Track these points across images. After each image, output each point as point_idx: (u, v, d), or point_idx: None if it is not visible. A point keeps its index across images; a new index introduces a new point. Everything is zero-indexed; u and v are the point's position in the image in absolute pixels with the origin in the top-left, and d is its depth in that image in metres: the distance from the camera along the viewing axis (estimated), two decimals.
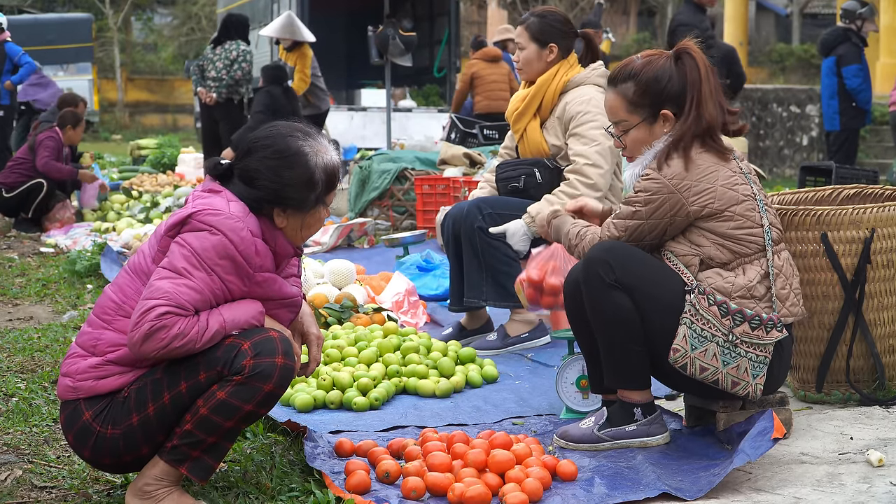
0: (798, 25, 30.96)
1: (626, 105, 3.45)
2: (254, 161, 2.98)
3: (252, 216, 2.94)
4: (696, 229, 3.34)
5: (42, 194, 9.70)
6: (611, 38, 15.05)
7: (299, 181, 2.96)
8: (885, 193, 4.08)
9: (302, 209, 2.99)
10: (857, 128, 11.12)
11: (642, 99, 3.43)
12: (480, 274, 4.80)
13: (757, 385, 3.30)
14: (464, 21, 26.89)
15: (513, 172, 4.92)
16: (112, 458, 2.91)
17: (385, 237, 7.73)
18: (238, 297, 2.92)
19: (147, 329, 2.75)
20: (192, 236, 2.86)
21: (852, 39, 10.82)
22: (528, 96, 4.92)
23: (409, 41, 12.22)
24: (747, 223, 3.34)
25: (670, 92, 3.41)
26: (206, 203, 2.91)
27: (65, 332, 5.31)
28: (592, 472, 3.21)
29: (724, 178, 3.34)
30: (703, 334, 3.26)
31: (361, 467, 3.10)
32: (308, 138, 3.02)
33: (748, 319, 3.25)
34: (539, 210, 4.68)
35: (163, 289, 2.79)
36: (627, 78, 3.45)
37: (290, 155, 2.97)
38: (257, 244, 2.92)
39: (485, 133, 10.54)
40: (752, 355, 3.27)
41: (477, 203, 4.88)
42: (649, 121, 3.44)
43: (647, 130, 3.44)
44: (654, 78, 3.42)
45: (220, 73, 10.99)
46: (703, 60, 3.43)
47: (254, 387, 2.81)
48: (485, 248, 4.78)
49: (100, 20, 32.07)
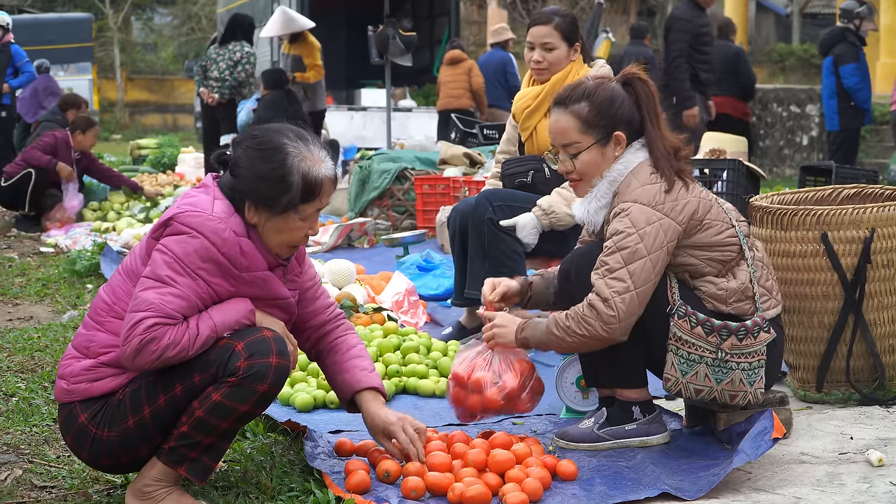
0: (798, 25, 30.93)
1: (579, 126, 3.36)
2: (239, 150, 2.95)
3: (236, 216, 2.90)
4: (682, 249, 3.30)
5: (31, 184, 9.68)
6: (611, 38, 15.04)
7: (271, 176, 2.88)
8: (885, 193, 4.08)
9: (271, 208, 2.90)
10: (857, 127, 11.11)
11: (597, 119, 3.35)
12: (483, 267, 4.79)
13: (756, 391, 3.29)
14: (464, 21, 26.88)
15: (520, 168, 4.91)
16: (110, 459, 2.91)
17: (385, 237, 7.73)
18: (226, 298, 2.90)
19: (137, 343, 2.74)
20: (173, 241, 2.83)
21: (849, 39, 10.84)
22: (541, 95, 4.88)
23: (409, 41, 12.21)
24: (723, 226, 3.33)
25: (623, 114, 3.36)
26: (189, 203, 2.89)
27: (65, 332, 5.31)
28: (592, 471, 3.21)
29: (693, 191, 3.33)
30: (691, 358, 3.24)
31: (361, 467, 3.10)
32: (299, 141, 2.94)
33: (734, 332, 3.23)
34: (550, 203, 4.67)
35: (148, 300, 2.77)
36: (581, 98, 3.37)
37: (270, 149, 2.91)
38: (242, 244, 2.88)
39: (485, 133, 10.54)
40: (744, 365, 3.25)
41: (487, 195, 4.87)
42: (602, 142, 3.36)
43: (600, 153, 3.36)
44: (609, 98, 3.36)
45: (223, 73, 10.99)
46: (653, 86, 3.40)
47: (249, 388, 2.81)
48: (492, 239, 4.76)
49: (100, 20, 32.07)
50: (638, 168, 3.33)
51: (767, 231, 3.96)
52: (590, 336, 3.22)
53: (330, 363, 3.27)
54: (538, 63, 4.89)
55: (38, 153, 9.74)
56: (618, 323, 3.19)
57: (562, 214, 4.68)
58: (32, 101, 12.97)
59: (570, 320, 3.25)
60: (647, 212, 3.24)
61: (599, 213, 3.38)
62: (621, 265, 3.20)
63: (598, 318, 3.20)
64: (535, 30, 4.91)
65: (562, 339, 3.27)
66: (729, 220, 3.36)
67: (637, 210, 3.24)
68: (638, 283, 3.20)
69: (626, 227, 3.23)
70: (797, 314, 3.93)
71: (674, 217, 3.25)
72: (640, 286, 3.20)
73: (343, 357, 3.25)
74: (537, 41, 4.89)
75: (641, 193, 3.26)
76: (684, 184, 3.31)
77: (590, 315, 3.21)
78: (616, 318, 3.19)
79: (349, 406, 3.27)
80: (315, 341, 3.28)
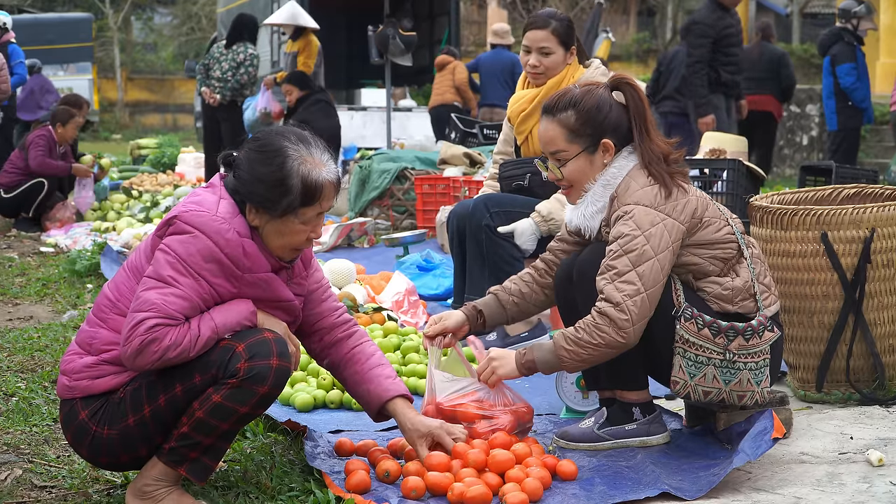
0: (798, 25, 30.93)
1: (566, 134, 3.35)
2: (243, 151, 2.95)
3: (240, 217, 2.89)
4: (685, 249, 3.30)
5: (43, 194, 9.70)
6: (611, 38, 15.05)
7: (270, 179, 2.87)
8: (885, 193, 4.08)
9: (270, 211, 2.89)
10: (856, 127, 11.12)
11: (584, 128, 3.34)
12: (483, 272, 4.79)
13: (763, 390, 3.30)
14: (464, 21, 26.88)
15: (517, 171, 4.91)
16: (109, 457, 2.91)
17: (385, 237, 7.73)
18: (229, 299, 2.90)
19: (138, 344, 2.74)
20: (175, 241, 2.83)
21: (845, 38, 10.85)
22: (536, 99, 4.88)
23: (409, 41, 12.22)
24: (721, 223, 3.34)
25: (611, 121, 3.35)
26: (195, 202, 2.89)
27: (65, 332, 5.31)
28: (592, 471, 3.21)
29: (690, 190, 3.34)
30: (699, 360, 3.23)
31: (361, 467, 3.10)
32: (300, 145, 2.92)
33: (741, 333, 3.23)
34: (549, 209, 4.67)
35: (150, 300, 2.77)
36: (567, 106, 3.35)
37: (269, 151, 2.90)
38: (245, 245, 2.87)
39: (485, 133, 10.55)
40: (751, 365, 3.25)
41: (484, 201, 4.87)
42: (590, 150, 3.35)
43: (588, 161, 3.35)
44: (595, 106, 3.34)
45: (226, 74, 10.99)
46: (641, 90, 3.39)
47: (249, 389, 2.80)
48: (490, 246, 4.76)
49: (100, 20, 32.06)
50: (634, 172, 3.33)
51: (767, 231, 3.96)
52: (605, 344, 3.19)
53: (350, 374, 3.25)
54: (534, 67, 4.89)
55: (51, 161, 9.73)
56: (631, 327, 3.17)
57: (560, 220, 4.68)
58: (30, 100, 12.94)
59: (581, 332, 3.20)
60: (650, 213, 3.23)
61: (595, 217, 3.37)
62: (630, 268, 3.19)
63: (611, 325, 3.17)
64: (532, 34, 4.89)
65: (574, 353, 3.22)
66: (725, 217, 3.37)
67: (641, 212, 3.23)
68: (648, 284, 3.19)
69: (632, 229, 3.21)
70: (797, 314, 3.93)
71: (676, 217, 3.25)
72: (650, 288, 3.19)
73: (364, 367, 3.24)
74: (534, 45, 4.88)
75: (643, 196, 3.26)
76: (678, 186, 3.31)
77: (602, 322, 3.18)
78: (629, 321, 3.17)
79: (377, 416, 3.26)
80: (326, 346, 3.26)
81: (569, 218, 3.47)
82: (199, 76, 11.35)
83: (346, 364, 3.25)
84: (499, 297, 3.58)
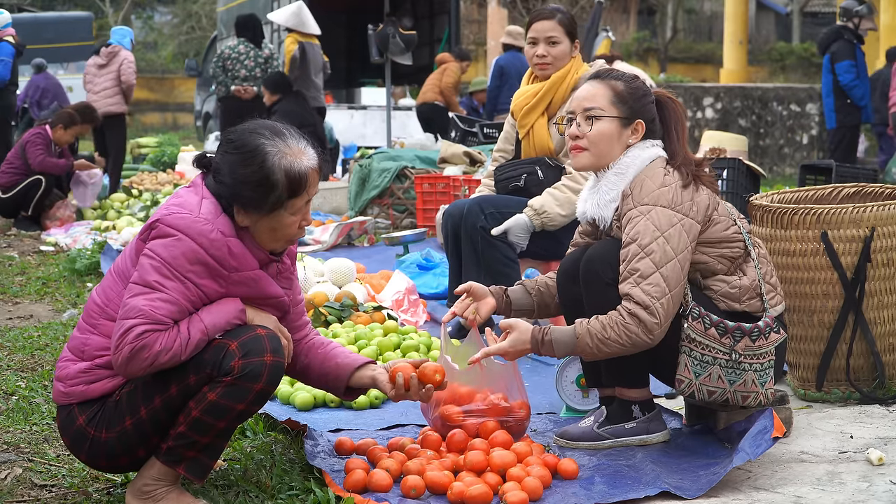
0: (798, 24, 30.94)
1: (611, 97, 3.41)
2: (219, 154, 2.92)
3: (224, 216, 2.87)
4: (696, 246, 3.31)
5: (41, 191, 9.68)
6: (611, 37, 15.05)
7: (253, 180, 2.85)
8: (885, 192, 4.08)
9: (259, 210, 2.87)
10: (855, 125, 11.14)
11: (629, 99, 3.41)
12: (479, 273, 4.79)
13: (767, 391, 3.30)
14: (464, 20, 26.87)
15: (513, 172, 4.91)
16: (108, 460, 2.91)
17: (385, 236, 7.73)
18: (216, 299, 2.88)
19: (129, 352, 2.73)
20: (159, 245, 2.81)
21: (845, 36, 10.87)
22: (540, 93, 4.88)
23: (409, 39, 12.22)
24: (728, 221, 3.36)
25: (650, 111, 3.43)
26: (176, 204, 2.86)
27: (65, 331, 5.31)
28: (592, 470, 3.21)
29: (701, 188, 3.35)
30: (705, 359, 3.24)
31: (361, 466, 3.10)
32: (276, 138, 2.89)
33: (748, 333, 3.24)
34: (542, 203, 4.67)
35: (137, 307, 2.75)
36: (619, 78, 3.45)
37: (247, 151, 2.87)
38: (230, 244, 2.86)
39: (485, 132, 10.54)
40: (756, 366, 3.26)
41: (478, 202, 4.86)
42: (624, 122, 3.40)
43: (618, 131, 3.39)
44: (643, 90, 3.44)
45: (253, 71, 11.31)
46: (682, 107, 3.49)
47: (244, 387, 2.80)
48: (485, 247, 4.77)
49: (100, 18, 32.07)
50: (649, 168, 3.34)
51: (767, 230, 3.96)
52: (632, 344, 3.20)
53: (313, 357, 3.25)
54: (542, 57, 4.89)
55: (52, 160, 9.69)
56: (660, 329, 3.19)
57: (553, 214, 4.68)
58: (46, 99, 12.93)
59: (609, 331, 3.19)
60: (668, 213, 3.25)
61: (609, 206, 3.39)
62: (654, 270, 3.19)
63: (640, 326, 3.18)
64: (539, 24, 4.91)
65: (596, 347, 3.23)
66: (732, 217, 3.38)
67: (659, 213, 3.24)
68: (671, 285, 3.20)
69: (651, 230, 3.22)
70: (797, 313, 3.93)
71: (693, 216, 3.27)
72: (674, 288, 3.21)
73: (327, 349, 3.26)
74: (541, 35, 4.89)
75: (659, 196, 3.27)
76: (695, 183, 3.33)
77: (632, 323, 3.18)
78: (659, 324, 3.18)
79: (346, 392, 3.26)
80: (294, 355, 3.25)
81: (581, 210, 3.49)
82: (218, 76, 11.35)
83: (305, 353, 3.25)
84: (525, 284, 3.62)
